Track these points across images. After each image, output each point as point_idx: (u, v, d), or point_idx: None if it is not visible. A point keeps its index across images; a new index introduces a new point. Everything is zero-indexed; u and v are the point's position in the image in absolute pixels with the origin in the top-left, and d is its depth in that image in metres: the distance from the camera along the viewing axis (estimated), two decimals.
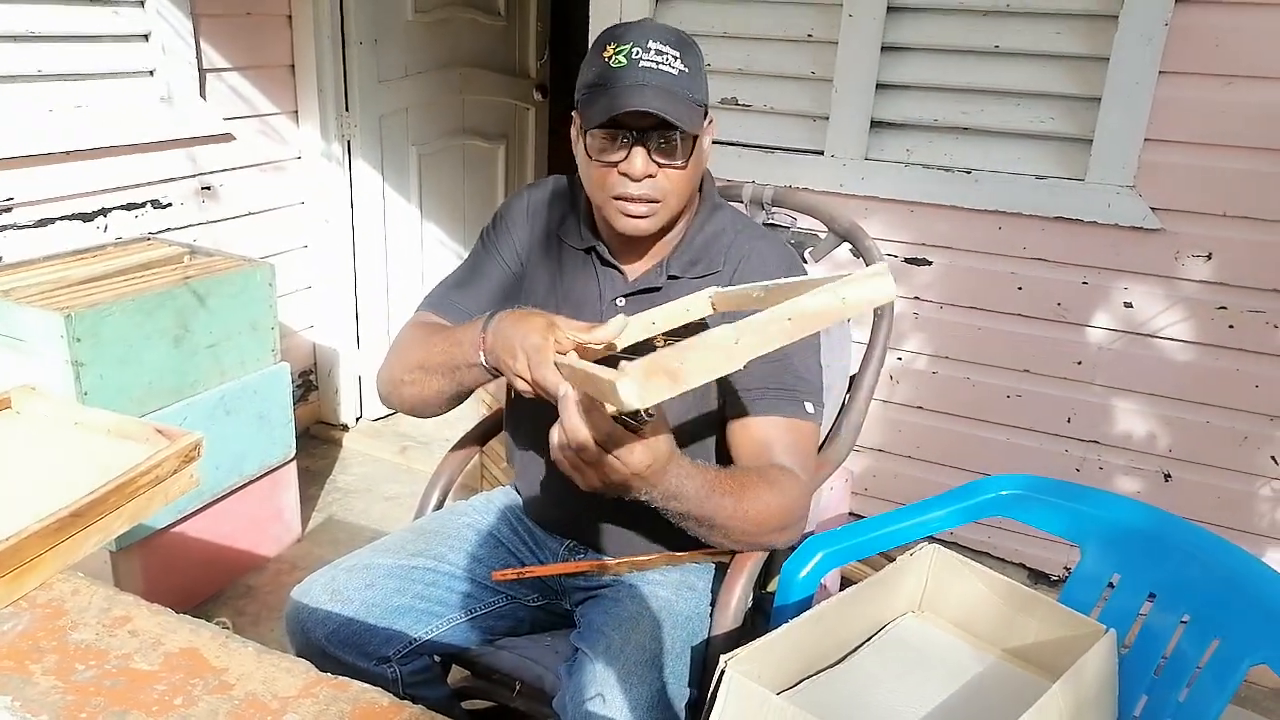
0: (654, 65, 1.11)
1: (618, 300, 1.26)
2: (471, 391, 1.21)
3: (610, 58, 1.12)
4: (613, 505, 1.03)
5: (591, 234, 1.28)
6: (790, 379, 1.20)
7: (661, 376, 0.78)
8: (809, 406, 1.21)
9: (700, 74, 1.16)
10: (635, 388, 0.78)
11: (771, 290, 1.01)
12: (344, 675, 0.80)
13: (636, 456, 0.91)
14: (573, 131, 1.21)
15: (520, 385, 1.03)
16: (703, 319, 1.12)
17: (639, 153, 1.12)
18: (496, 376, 1.12)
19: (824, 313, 0.85)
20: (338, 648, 1.21)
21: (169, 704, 0.75)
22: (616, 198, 1.16)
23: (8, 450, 1.04)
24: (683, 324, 1.11)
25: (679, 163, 1.15)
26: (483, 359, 1.10)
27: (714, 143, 1.25)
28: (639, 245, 1.26)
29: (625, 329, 1.04)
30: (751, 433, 1.19)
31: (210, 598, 2.15)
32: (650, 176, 1.14)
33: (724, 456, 1.24)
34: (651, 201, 1.16)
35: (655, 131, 1.12)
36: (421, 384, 1.20)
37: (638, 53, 1.11)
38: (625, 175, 1.14)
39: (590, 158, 1.16)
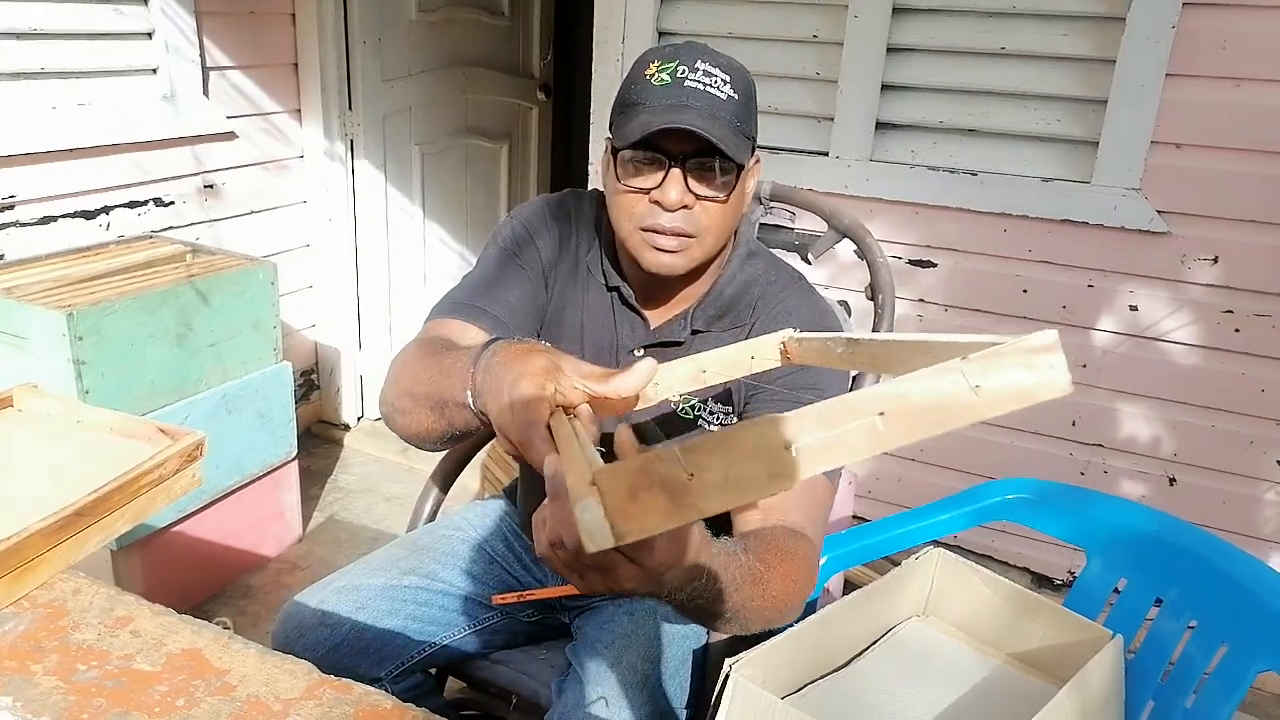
0: (700, 86, 0.99)
1: (635, 351, 1.14)
2: (469, 435, 0.93)
3: (652, 75, 1.00)
4: None
5: (615, 271, 1.15)
6: None
7: (657, 494, 0.49)
8: None
9: (751, 106, 1.04)
10: (606, 514, 0.49)
11: (861, 346, 0.74)
12: None
13: (656, 557, 0.66)
14: (602, 157, 1.09)
15: (507, 449, 0.76)
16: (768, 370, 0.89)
17: (675, 179, 1.00)
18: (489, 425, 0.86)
19: (941, 409, 0.51)
20: (327, 672, 1.17)
21: (171, 705, 0.74)
22: (645, 229, 1.03)
23: (10, 449, 1.04)
24: (745, 375, 0.88)
25: (720, 195, 1.02)
26: (470, 400, 0.84)
27: None
28: (663, 290, 1.13)
29: (656, 377, 0.78)
30: None
31: (210, 597, 2.15)
32: (686, 208, 1.01)
33: None
34: (684, 236, 1.02)
35: (695, 158, 1.00)
36: (411, 414, 0.98)
37: (684, 71, 0.99)
38: (657, 204, 1.01)
39: (619, 181, 1.03)
